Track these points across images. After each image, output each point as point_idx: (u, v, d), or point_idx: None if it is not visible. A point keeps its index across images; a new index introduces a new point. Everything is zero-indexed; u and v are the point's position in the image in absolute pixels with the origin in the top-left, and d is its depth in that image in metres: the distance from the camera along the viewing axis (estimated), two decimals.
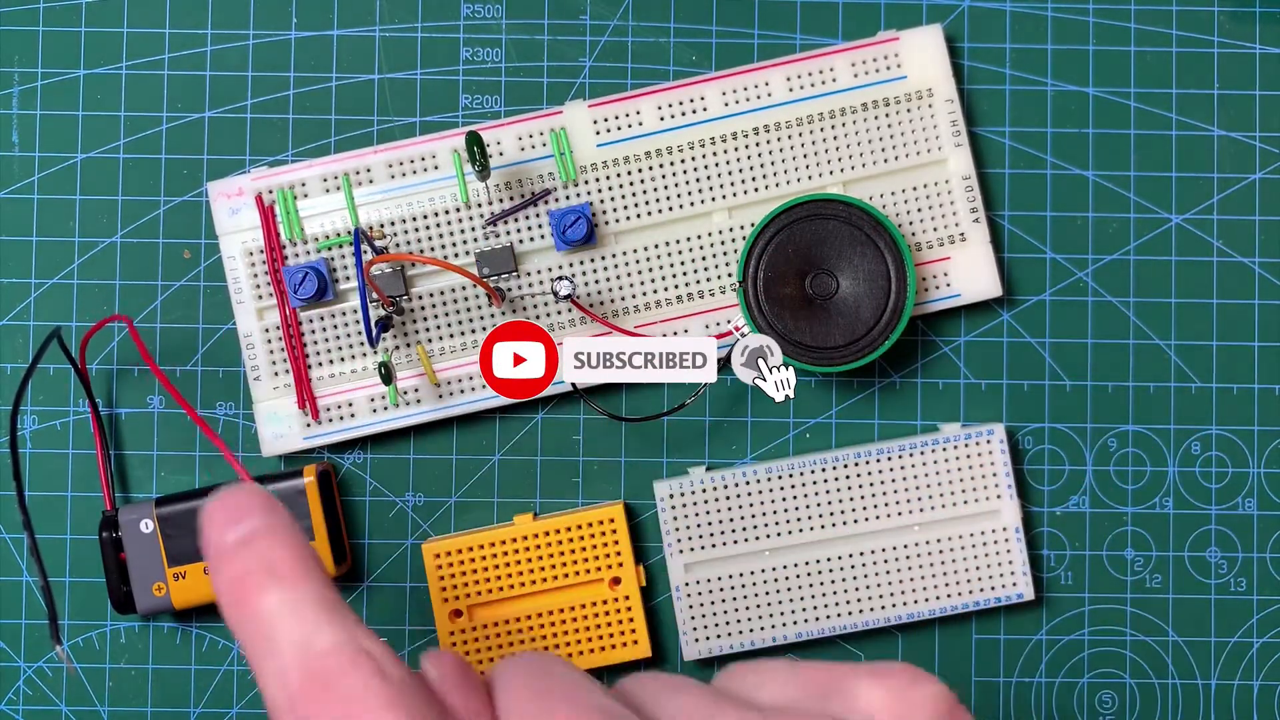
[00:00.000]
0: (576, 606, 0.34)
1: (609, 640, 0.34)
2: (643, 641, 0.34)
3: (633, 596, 0.34)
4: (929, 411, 0.35)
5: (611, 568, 0.34)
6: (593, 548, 0.34)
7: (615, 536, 0.34)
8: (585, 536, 0.34)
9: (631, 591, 0.34)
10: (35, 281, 0.35)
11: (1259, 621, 0.35)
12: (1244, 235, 0.35)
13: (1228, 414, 0.35)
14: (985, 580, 0.34)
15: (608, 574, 0.34)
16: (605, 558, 0.34)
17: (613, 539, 0.34)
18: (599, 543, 0.34)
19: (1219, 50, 0.35)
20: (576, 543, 0.34)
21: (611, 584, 0.34)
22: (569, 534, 0.34)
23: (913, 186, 0.34)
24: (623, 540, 0.34)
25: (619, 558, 0.34)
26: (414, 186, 0.34)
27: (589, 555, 0.34)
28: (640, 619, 0.34)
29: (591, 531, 0.34)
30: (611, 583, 0.34)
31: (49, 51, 0.35)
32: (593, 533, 0.34)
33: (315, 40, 0.35)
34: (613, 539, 0.34)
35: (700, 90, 0.34)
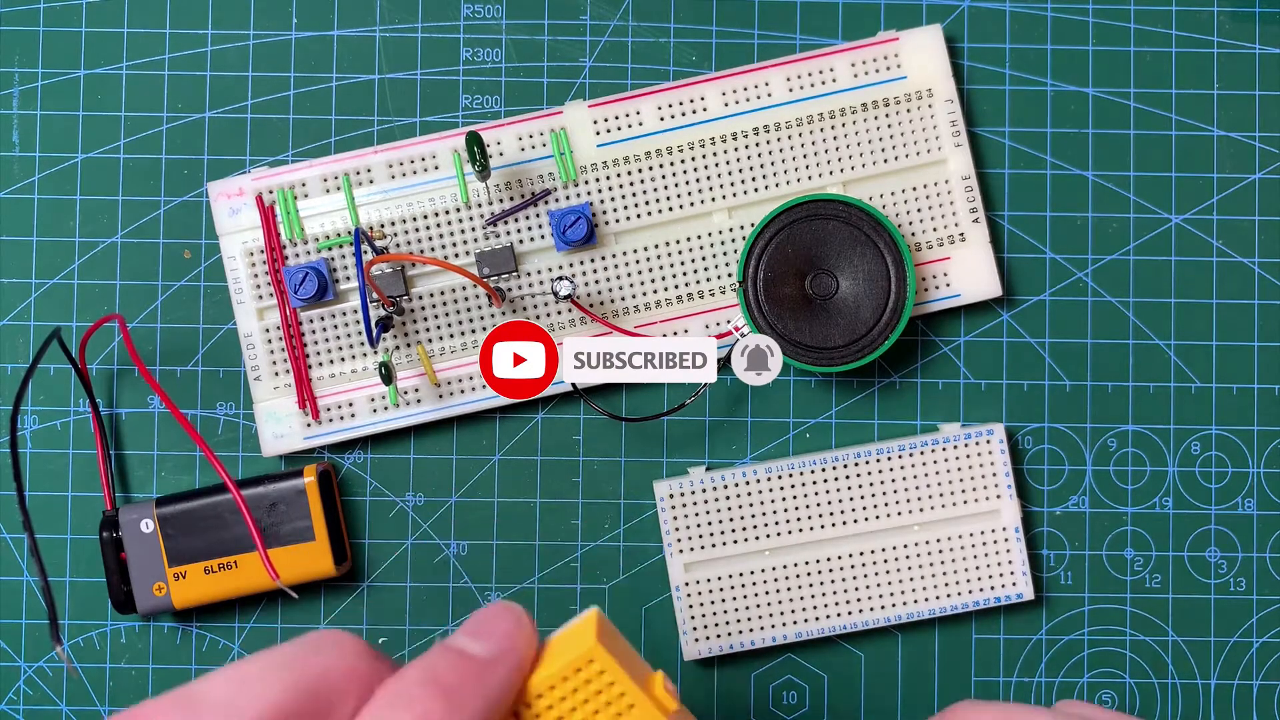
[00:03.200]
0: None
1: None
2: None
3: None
4: (929, 411, 0.35)
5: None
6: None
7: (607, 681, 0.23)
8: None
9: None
10: (36, 282, 0.35)
11: (1258, 621, 0.35)
12: (1243, 235, 0.35)
13: (1227, 414, 0.35)
14: (985, 580, 0.34)
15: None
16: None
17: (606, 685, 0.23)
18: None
19: (1219, 50, 0.35)
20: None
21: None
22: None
23: (912, 187, 0.34)
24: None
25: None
26: (414, 187, 0.34)
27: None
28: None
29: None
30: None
31: (49, 51, 0.35)
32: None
33: (315, 40, 0.35)
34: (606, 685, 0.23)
35: (700, 90, 0.34)
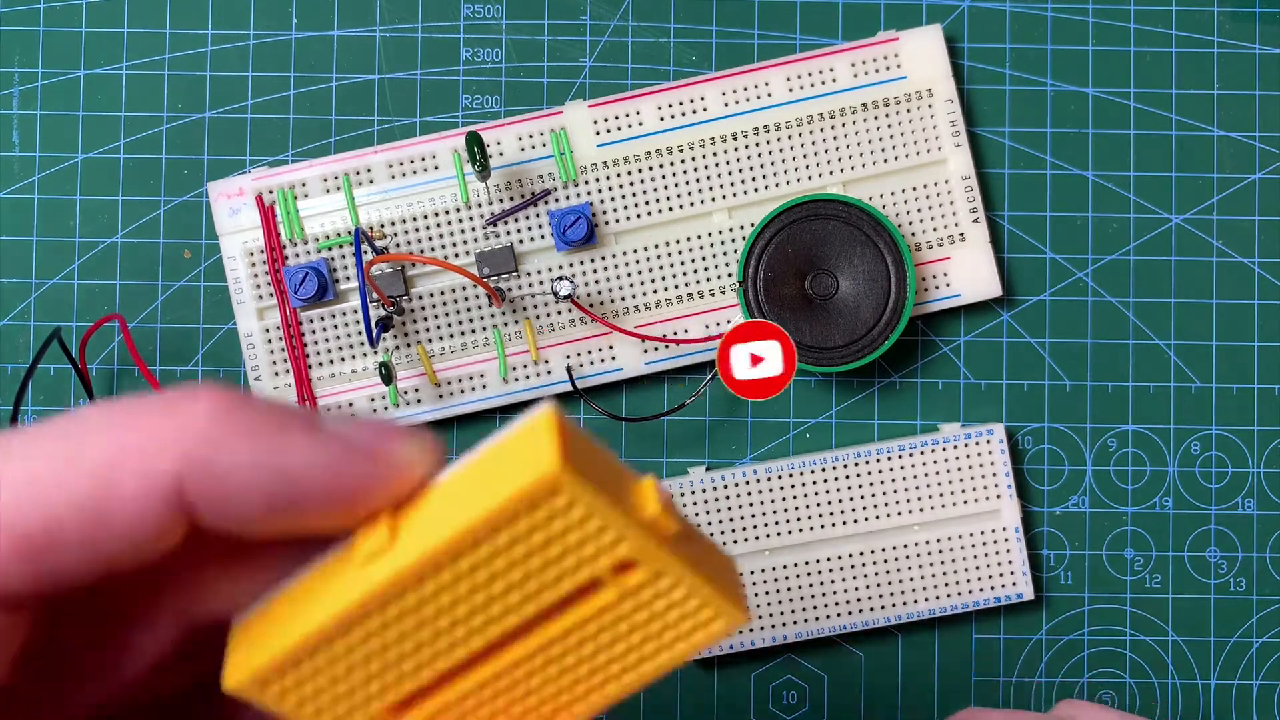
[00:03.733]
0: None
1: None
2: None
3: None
4: (929, 411, 0.35)
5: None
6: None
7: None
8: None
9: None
10: (35, 282, 0.35)
11: (1258, 621, 0.35)
12: (1244, 235, 0.35)
13: (1227, 414, 0.35)
14: (985, 580, 0.34)
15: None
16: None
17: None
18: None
19: (1219, 50, 0.35)
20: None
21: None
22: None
23: (912, 186, 0.34)
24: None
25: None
26: (414, 187, 0.34)
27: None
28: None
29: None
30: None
31: (49, 51, 0.35)
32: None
33: (315, 40, 0.35)
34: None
35: (700, 90, 0.34)
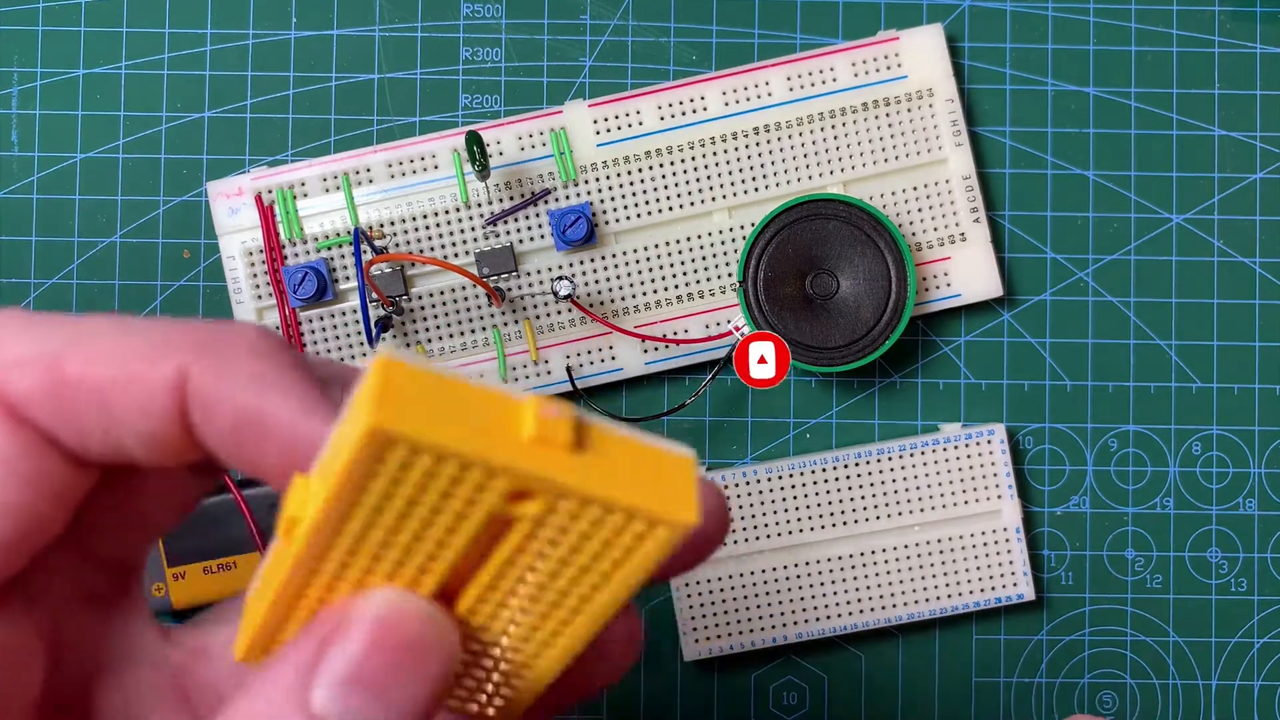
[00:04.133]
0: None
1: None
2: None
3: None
4: (929, 411, 0.35)
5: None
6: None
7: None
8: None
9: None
10: (35, 281, 0.35)
11: (1259, 622, 0.35)
12: (1244, 235, 0.35)
13: (1228, 414, 0.35)
14: (985, 580, 0.34)
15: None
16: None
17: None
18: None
19: (1219, 50, 0.35)
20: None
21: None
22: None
23: (913, 186, 0.34)
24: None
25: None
26: (414, 186, 0.34)
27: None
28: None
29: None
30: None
31: (48, 51, 0.35)
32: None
33: (315, 40, 0.35)
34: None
35: (700, 90, 0.34)
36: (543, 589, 0.16)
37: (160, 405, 0.16)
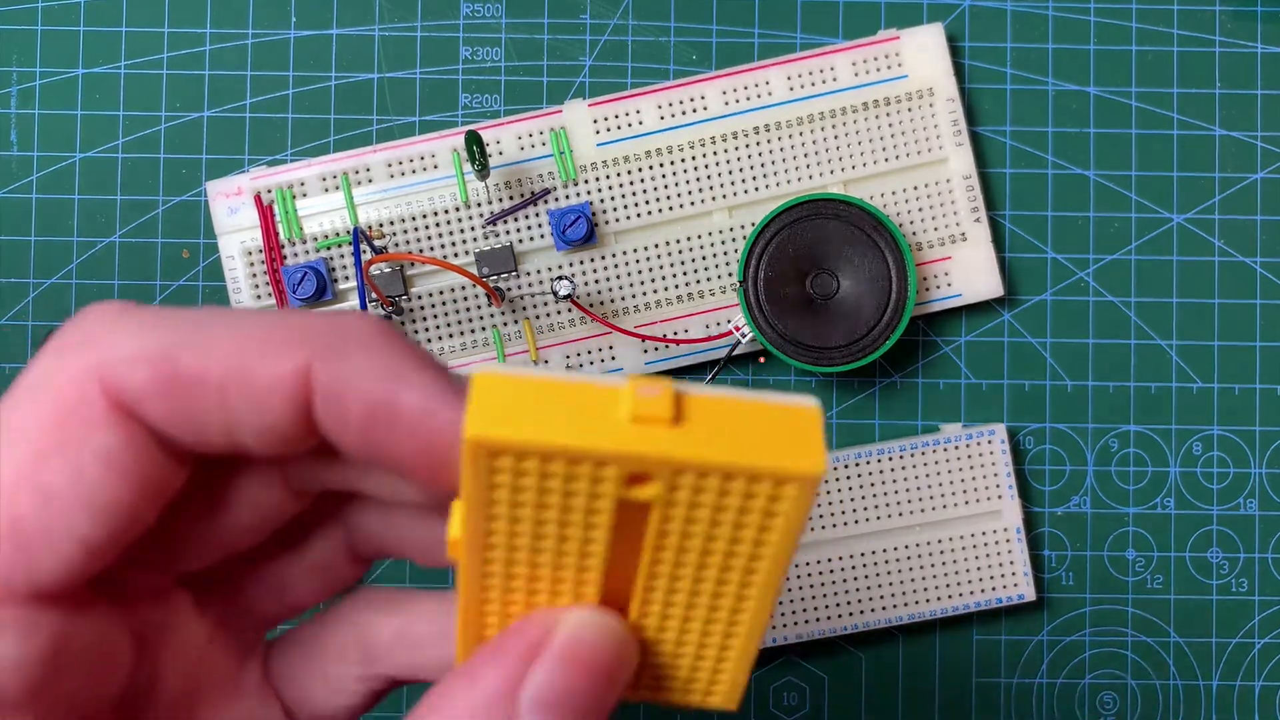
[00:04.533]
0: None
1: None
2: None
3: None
4: (930, 412, 0.35)
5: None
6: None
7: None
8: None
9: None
10: (34, 281, 0.35)
11: (1260, 622, 0.35)
12: (1245, 235, 0.35)
13: (1229, 414, 0.35)
14: (986, 581, 0.34)
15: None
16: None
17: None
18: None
19: (1220, 50, 0.35)
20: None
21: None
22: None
23: (913, 186, 0.34)
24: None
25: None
26: (413, 186, 0.34)
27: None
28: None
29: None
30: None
31: (47, 51, 0.35)
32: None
33: (314, 39, 0.35)
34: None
35: (700, 89, 0.34)
36: (701, 571, 0.16)
37: (279, 400, 0.17)
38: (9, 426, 0.17)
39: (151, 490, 0.17)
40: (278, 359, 0.17)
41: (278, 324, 0.17)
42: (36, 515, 0.16)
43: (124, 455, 0.17)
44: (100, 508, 0.17)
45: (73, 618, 0.17)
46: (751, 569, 0.16)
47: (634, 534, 0.16)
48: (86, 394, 0.16)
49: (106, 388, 0.16)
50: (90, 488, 0.16)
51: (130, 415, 0.17)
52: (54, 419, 0.16)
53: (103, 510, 0.17)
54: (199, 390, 0.16)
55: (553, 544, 0.16)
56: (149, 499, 0.17)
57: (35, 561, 0.16)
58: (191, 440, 0.17)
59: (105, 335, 0.17)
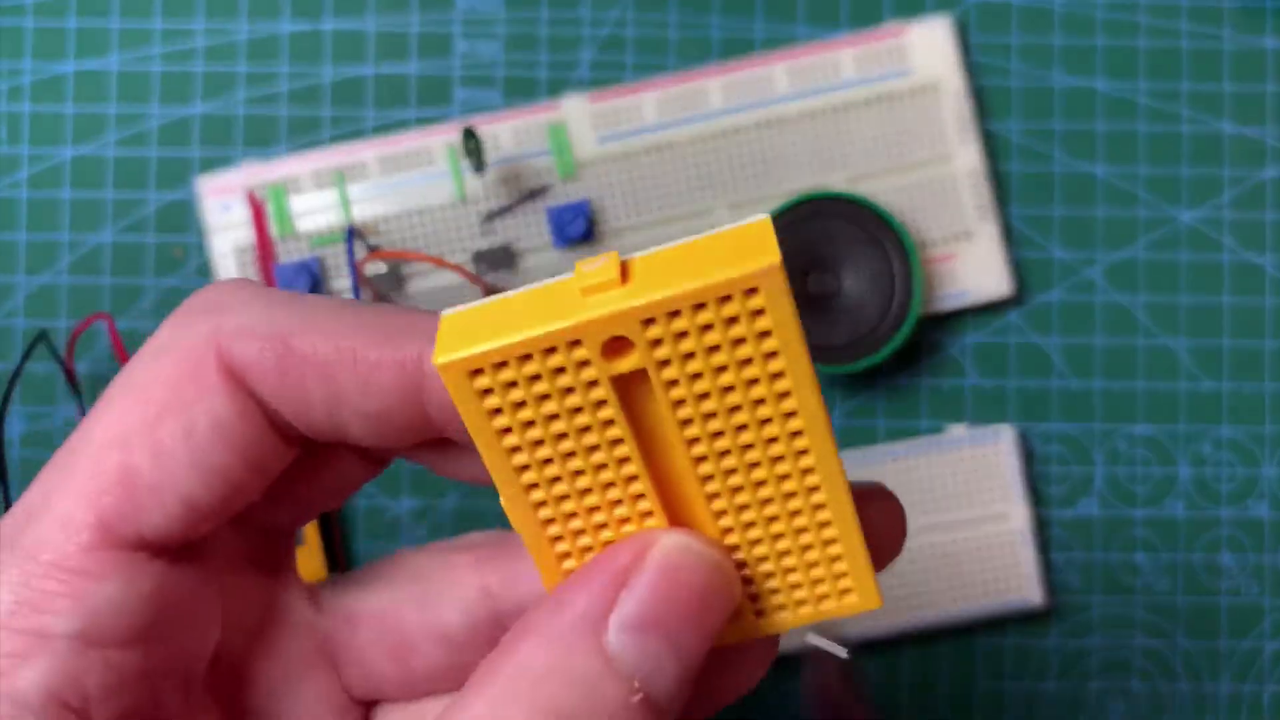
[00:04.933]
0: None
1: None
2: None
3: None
4: (935, 412, 0.35)
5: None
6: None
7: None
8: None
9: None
10: (24, 280, 0.35)
11: (1270, 626, 0.35)
12: (1255, 233, 0.35)
13: (1239, 415, 0.35)
14: (993, 585, 0.34)
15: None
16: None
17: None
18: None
19: (1229, 45, 0.35)
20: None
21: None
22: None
23: (919, 183, 0.34)
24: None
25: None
26: (409, 182, 0.34)
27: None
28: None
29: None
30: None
31: (36, 46, 0.35)
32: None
33: (307, 34, 0.35)
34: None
35: (702, 84, 0.34)
36: (740, 436, 0.16)
37: (389, 386, 0.17)
38: (133, 383, 0.18)
39: (258, 464, 0.18)
40: (388, 346, 0.17)
41: (390, 314, 0.18)
42: (149, 468, 0.17)
43: (234, 424, 0.17)
44: (208, 470, 0.17)
45: (172, 572, 0.18)
46: (786, 411, 0.16)
47: (659, 436, 0.16)
48: (203, 360, 0.17)
49: (221, 356, 0.17)
50: (201, 450, 0.17)
51: (242, 387, 0.17)
52: (174, 379, 0.17)
53: (211, 473, 0.17)
54: (310, 370, 0.17)
55: (580, 453, 0.16)
56: (255, 472, 0.18)
57: (143, 512, 0.17)
58: (296, 419, 0.18)
59: (226, 306, 0.18)
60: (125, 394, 0.18)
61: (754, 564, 0.17)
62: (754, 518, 0.17)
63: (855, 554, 0.17)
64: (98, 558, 0.17)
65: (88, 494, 0.17)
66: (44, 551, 0.17)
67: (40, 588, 0.17)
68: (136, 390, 0.18)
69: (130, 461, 0.17)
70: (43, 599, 0.17)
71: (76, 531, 0.17)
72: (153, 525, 0.17)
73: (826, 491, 0.17)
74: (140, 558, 0.17)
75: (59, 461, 0.18)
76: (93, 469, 0.17)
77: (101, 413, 0.18)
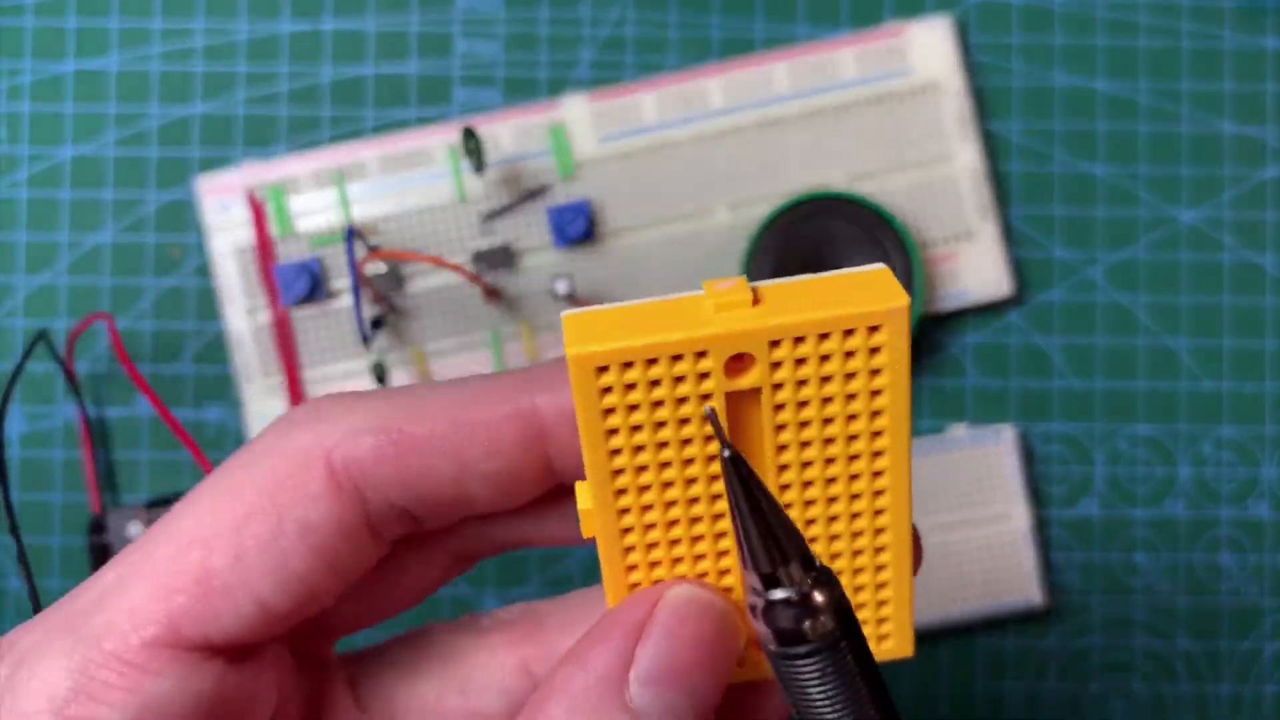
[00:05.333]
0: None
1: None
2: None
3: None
4: (936, 412, 0.35)
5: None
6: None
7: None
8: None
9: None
10: (23, 280, 0.35)
11: (1271, 626, 0.35)
12: (1255, 233, 0.35)
13: (1239, 415, 0.35)
14: (994, 585, 0.34)
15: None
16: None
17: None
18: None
19: (1229, 45, 0.35)
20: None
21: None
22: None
23: (919, 183, 0.34)
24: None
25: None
26: (408, 182, 0.34)
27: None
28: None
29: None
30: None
31: (36, 45, 0.35)
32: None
33: (307, 33, 0.35)
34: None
35: (702, 84, 0.34)
36: (828, 468, 0.17)
37: (513, 441, 0.18)
38: (225, 484, 0.18)
39: (340, 568, 0.18)
40: (500, 403, 0.18)
41: (486, 379, 0.18)
42: (227, 570, 0.17)
43: (325, 527, 0.18)
44: (289, 575, 0.18)
45: (230, 672, 0.18)
46: (876, 449, 0.17)
47: (755, 455, 0.17)
48: (308, 465, 0.18)
49: (331, 461, 0.18)
50: (284, 554, 0.18)
51: (350, 489, 0.18)
52: (268, 485, 0.18)
53: (290, 577, 0.18)
54: (426, 448, 0.18)
55: (675, 464, 0.17)
56: (335, 576, 0.18)
57: (213, 614, 0.17)
58: (419, 501, 0.18)
59: (327, 416, 0.18)
60: (216, 493, 0.18)
61: None
62: (820, 550, 0.18)
63: (903, 602, 0.18)
64: (158, 654, 0.17)
65: (161, 589, 0.17)
66: (108, 639, 0.17)
67: (98, 676, 0.17)
68: (228, 491, 0.18)
69: (210, 562, 0.17)
70: (100, 689, 0.17)
71: (143, 625, 0.17)
72: (221, 628, 0.17)
73: (893, 534, 0.17)
74: (200, 657, 0.18)
75: (138, 548, 0.18)
76: (171, 564, 0.17)
77: (189, 507, 0.18)
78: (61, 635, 0.17)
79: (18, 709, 0.17)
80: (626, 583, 0.18)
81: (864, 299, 0.16)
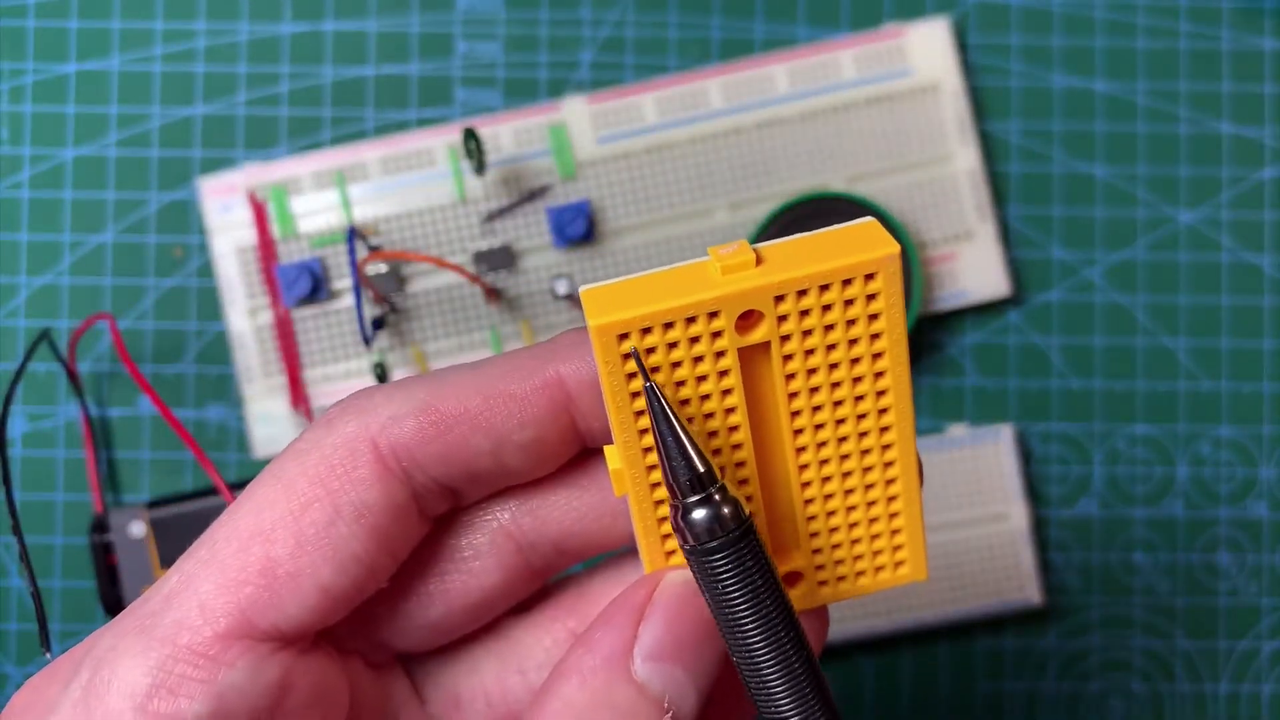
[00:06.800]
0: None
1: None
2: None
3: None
4: (935, 412, 0.35)
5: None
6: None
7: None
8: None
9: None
10: (25, 280, 0.35)
11: (1269, 625, 0.35)
12: (1253, 233, 0.35)
13: (1238, 415, 0.35)
14: (993, 585, 0.34)
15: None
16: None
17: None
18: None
19: (1228, 45, 0.35)
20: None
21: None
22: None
23: (918, 183, 0.34)
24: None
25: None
26: (409, 183, 0.34)
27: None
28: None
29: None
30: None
31: (38, 46, 0.35)
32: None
33: (308, 34, 0.35)
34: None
35: (702, 85, 0.34)
36: (837, 410, 0.18)
37: (542, 410, 0.19)
38: (279, 478, 0.19)
39: (391, 547, 0.19)
40: (528, 376, 0.19)
41: (511, 355, 0.19)
42: (289, 557, 0.18)
43: (376, 510, 0.19)
44: (345, 558, 0.18)
45: (301, 663, 0.19)
46: (880, 389, 0.18)
47: (764, 408, 0.18)
48: (357, 452, 0.19)
49: (378, 446, 0.19)
50: (340, 538, 0.18)
51: (397, 470, 0.19)
52: (320, 475, 0.19)
53: (349, 559, 0.19)
54: (463, 423, 0.19)
55: (696, 419, 0.18)
56: (388, 556, 0.19)
57: (280, 602, 0.18)
58: (461, 475, 0.19)
59: (367, 406, 0.19)
60: (270, 488, 0.19)
61: (825, 533, 0.19)
62: (835, 488, 0.19)
63: (915, 527, 0.19)
64: (231, 645, 0.18)
65: (229, 582, 0.18)
66: (182, 635, 0.18)
67: (175, 671, 0.18)
68: (282, 484, 0.19)
69: (272, 552, 0.18)
70: (178, 683, 0.18)
71: (215, 618, 0.18)
72: (288, 615, 0.18)
73: (901, 465, 0.19)
74: (271, 647, 0.18)
75: (200, 548, 0.19)
76: (235, 558, 0.18)
77: (245, 504, 0.19)
78: (135, 636, 0.18)
79: (102, 709, 0.18)
80: (659, 534, 0.19)
81: (858, 250, 0.17)
